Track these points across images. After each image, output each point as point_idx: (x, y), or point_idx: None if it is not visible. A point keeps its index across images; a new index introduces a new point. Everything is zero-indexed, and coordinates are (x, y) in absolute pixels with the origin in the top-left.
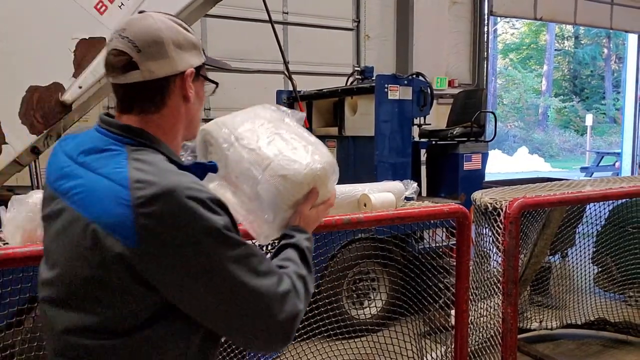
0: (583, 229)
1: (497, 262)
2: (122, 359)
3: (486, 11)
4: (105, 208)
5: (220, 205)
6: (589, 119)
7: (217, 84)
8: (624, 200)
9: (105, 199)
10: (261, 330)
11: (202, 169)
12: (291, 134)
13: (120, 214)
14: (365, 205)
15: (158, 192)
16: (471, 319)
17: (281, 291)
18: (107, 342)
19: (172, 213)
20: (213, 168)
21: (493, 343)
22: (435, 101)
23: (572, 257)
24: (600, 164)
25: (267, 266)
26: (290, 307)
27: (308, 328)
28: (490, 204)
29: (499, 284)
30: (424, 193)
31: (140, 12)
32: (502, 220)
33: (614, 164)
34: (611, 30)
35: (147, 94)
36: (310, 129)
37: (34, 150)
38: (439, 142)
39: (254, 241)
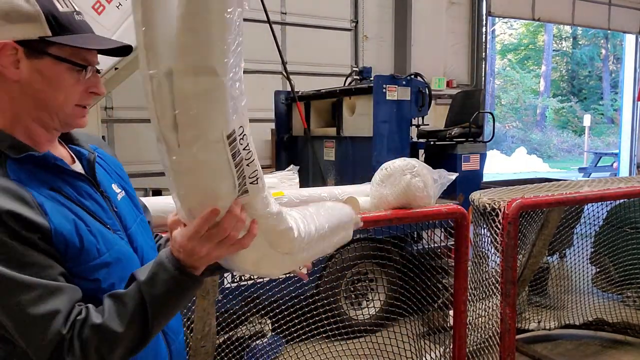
0: (581, 230)
1: (496, 262)
2: None
3: (484, 12)
4: None
5: None
6: (587, 120)
7: (79, 65)
8: (621, 200)
9: None
10: None
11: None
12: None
13: None
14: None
15: None
16: (469, 320)
17: None
18: None
19: None
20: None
21: (491, 343)
22: (433, 102)
23: (570, 258)
24: (598, 165)
25: None
26: None
27: (307, 329)
28: (489, 204)
29: (497, 285)
30: None
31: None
32: (501, 221)
33: (611, 165)
34: (609, 31)
35: None
36: (308, 129)
37: None
38: (437, 143)
39: None
